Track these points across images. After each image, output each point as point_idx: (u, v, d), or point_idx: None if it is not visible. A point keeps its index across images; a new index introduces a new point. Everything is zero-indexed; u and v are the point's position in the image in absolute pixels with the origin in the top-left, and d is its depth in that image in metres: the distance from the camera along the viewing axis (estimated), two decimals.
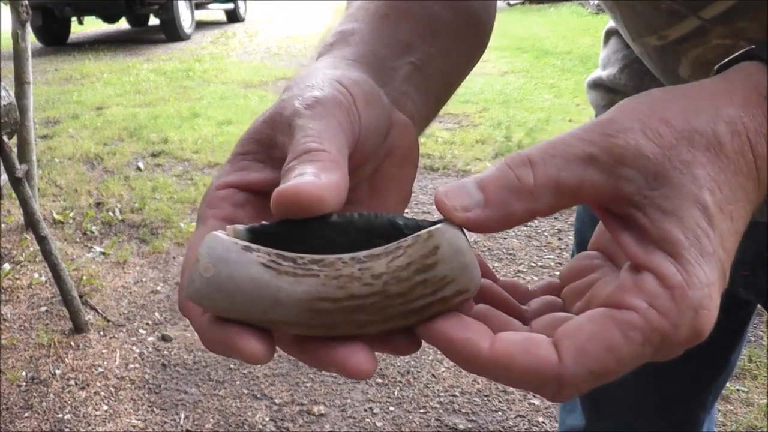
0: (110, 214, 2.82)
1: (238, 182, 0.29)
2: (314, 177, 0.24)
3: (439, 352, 1.52)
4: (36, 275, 2.30)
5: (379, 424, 1.59)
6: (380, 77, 0.34)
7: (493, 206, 0.24)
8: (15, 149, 2.11)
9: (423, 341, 0.25)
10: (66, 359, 1.85)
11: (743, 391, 1.66)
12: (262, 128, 0.30)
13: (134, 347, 1.92)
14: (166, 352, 1.89)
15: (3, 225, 2.70)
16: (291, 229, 0.25)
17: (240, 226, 0.25)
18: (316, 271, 0.23)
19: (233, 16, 10.69)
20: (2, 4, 6.63)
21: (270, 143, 0.29)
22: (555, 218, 2.71)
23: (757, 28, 0.39)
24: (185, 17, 8.25)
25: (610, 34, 0.61)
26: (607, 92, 0.60)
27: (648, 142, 0.23)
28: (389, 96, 0.34)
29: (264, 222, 0.25)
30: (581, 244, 0.71)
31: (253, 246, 0.23)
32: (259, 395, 1.70)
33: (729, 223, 0.24)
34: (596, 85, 0.62)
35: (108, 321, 2.04)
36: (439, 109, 0.40)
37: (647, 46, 0.47)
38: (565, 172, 0.24)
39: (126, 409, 1.66)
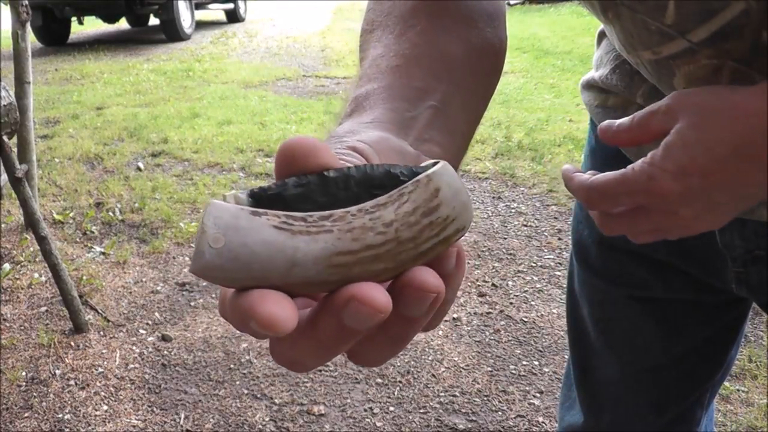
0: (110, 214, 2.82)
1: None
2: None
3: (438, 352, 1.52)
4: (36, 275, 2.30)
5: (379, 424, 1.59)
6: (401, 130, 0.35)
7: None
8: (15, 149, 2.11)
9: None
10: (66, 359, 1.85)
11: (743, 391, 1.66)
12: None
13: (134, 347, 1.92)
14: (166, 352, 1.89)
15: (3, 225, 2.70)
16: (291, 190, 0.24)
17: (240, 192, 0.24)
18: (329, 226, 0.23)
19: (233, 16, 10.68)
20: (2, 4, 6.63)
21: None
22: (555, 218, 2.72)
23: (743, 48, 0.40)
24: (185, 17, 8.25)
25: (602, 35, 0.61)
26: (599, 92, 0.61)
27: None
28: (413, 145, 0.34)
29: (263, 185, 0.25)
30: (577, 243, 0.71)
31: (260, 210, 0.23)
32: (259, 395, 1.70)
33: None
34: (590, 86, 0.62)
35: (108, 321, 2.04)
36: (468, 143, 0.41)
37: (642, 58, 0.48)
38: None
39: (126, 409, 1.66)
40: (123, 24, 9.88)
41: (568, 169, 0.47)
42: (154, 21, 9.08)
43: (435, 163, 0.25)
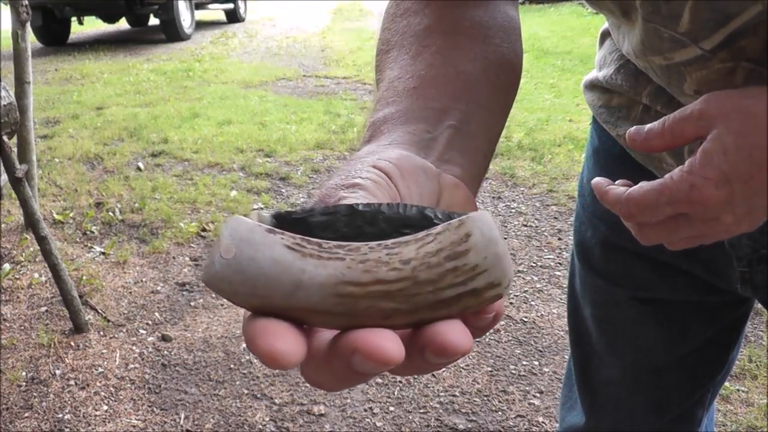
0: (110, 214, 2.82)
1: None
2: None
3: None
4: (36, 275, 2.30)
5: (379, 424, 1.59)
6: (421, 151, 0.34)
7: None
8: (15, 149, 2.11)
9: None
10: (66, 359, 1.85)
11: (743, 391, 1.66)
12: None
13: (134, 347, 1.92)
14: (166, 352, 1.89)
15: (3, 225, 2.70)
16: (317, 216, 0.24)
17: (265, 212, 0.24)
18: (341, 254, 0.22)
19: (233, 16, 10.68)
20: (2, 4, 6.63)
21: None
22: (555, 218, 2.71)
23: (757, 45, 0.40)
24: (185, 17, 8.25)
25: (605, 35, 0.61)
26: (603, 92, 0.61)
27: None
28: (435, 165, 0.34)
29: (290, 209, 0.25)
30: (580, 243, 0.71)
31: (278, 230, 0.22)
32: (259, 395, 1.70)
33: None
34: (593, 86, 0.62)
35: (108, 321, 2.04)
36: (488, 161, 0.40)
37: (652, 63, 0.47)
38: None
39: (126, 409, 1.66)
40: (123, 24, 9.87)
41: (600, 182, 0.46)
42: (154, 21, 9.07)
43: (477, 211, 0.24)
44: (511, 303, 2.11)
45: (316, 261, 0.22)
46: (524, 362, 1.81)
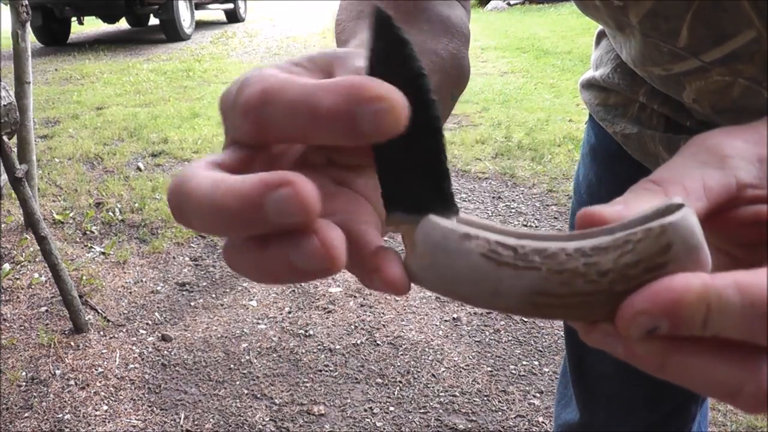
0: (110, 214, 2.82)
1: None
2: None
3: (438, 352, 1.51)
4: (36, 275, 2.30)
5: (379, 424, 1.59)
6: None
7: None
8: (15, 149, 2.11)
9: None
10: (66, 359, 1.85)
11: None
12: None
13: (134, 347, 1.92)
14: (166, 352, 1.89)
15: (3, 225, 2.70)
16: None
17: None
18: (538, 263, 0.22)
19: (233, 16, 10.69)
20: (2, 4, 6.63)
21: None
22: (555, 218, 2.72)
23: (753, 70, 0.41)
24: (185, 17, 8.25)
25: (602, 35, 0.62)
26: (600, 91, 0.61)
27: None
28: None
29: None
30: None
31: (472, 233, 0.22)
32: (259, 395, 1.70)
33: None
34: (590, 84, 0.63)
35: (108, 321, 2.04)
36: None
37: (651, 74, 0.48)
38: None
39: (126, 409, 1.66)
40: (123, 24, 9.87)
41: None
42: (154, 21, 9.07)
43: (678, 206, 0.22)
44: None
45: (512, 271, 0.22)
46: (524, 362, 1.81)
